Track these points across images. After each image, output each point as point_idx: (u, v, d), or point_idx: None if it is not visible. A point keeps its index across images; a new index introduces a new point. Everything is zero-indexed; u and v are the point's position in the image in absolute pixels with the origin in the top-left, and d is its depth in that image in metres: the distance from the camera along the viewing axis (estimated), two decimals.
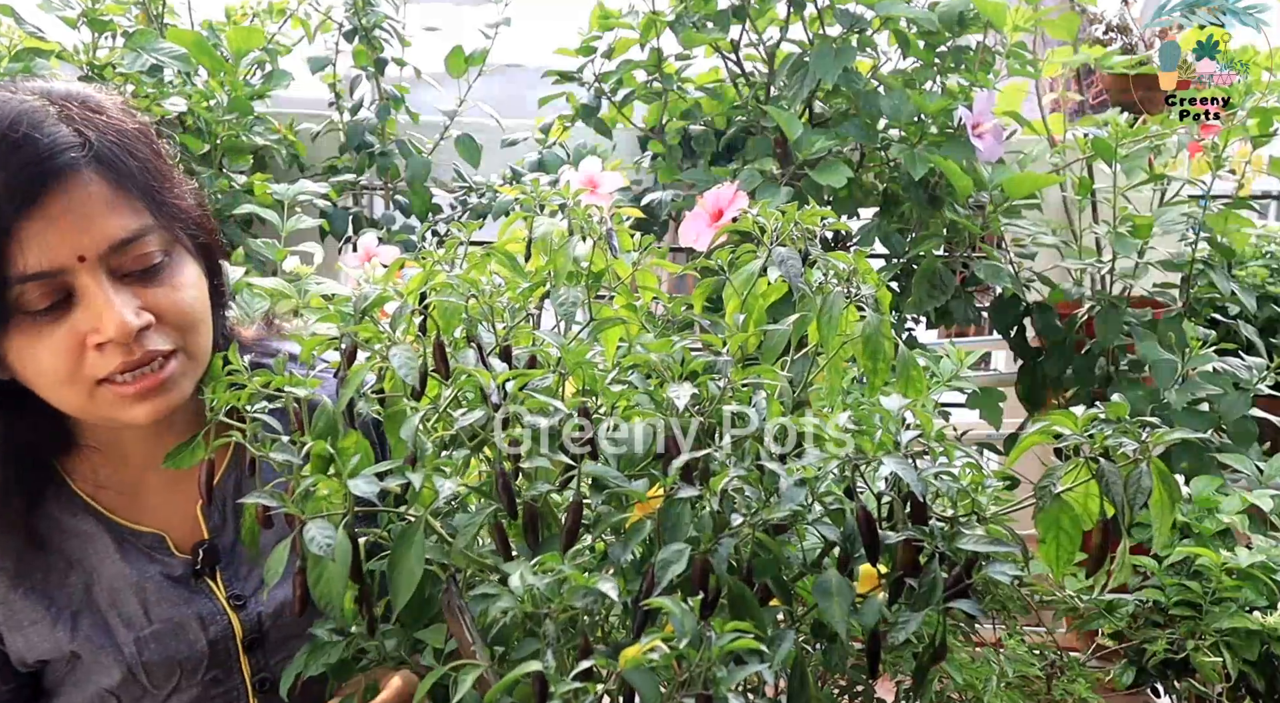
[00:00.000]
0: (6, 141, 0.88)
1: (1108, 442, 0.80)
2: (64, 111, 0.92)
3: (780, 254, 0.94)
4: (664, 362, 0.85)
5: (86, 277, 0.90)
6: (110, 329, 0.90)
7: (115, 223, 0.91)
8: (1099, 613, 1.53)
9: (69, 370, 0.92)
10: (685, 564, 0.77)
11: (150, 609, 1.02)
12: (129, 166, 0.93)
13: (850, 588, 0.81)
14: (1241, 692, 1.50)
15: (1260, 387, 1.73)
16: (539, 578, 0.74)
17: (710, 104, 2.03)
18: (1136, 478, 0.79)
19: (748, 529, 0.80)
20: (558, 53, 2.05)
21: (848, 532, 0.83)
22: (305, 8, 2.24)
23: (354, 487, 0.82)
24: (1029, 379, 1.96)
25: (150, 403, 0.95)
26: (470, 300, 0.93)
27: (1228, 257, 1.90)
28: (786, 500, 0.80)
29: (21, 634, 1.01)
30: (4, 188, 0.87)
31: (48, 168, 0.89)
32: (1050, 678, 1.52)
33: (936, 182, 1.81)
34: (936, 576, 0.81)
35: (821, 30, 1.88)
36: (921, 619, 0.81)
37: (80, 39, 2.05)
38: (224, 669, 1.04)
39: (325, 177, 2.22)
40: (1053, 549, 0.85)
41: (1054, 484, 0.84)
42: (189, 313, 0.96)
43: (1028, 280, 1.94)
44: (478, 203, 2.23)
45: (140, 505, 1.06)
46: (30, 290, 0.89)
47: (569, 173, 1.19)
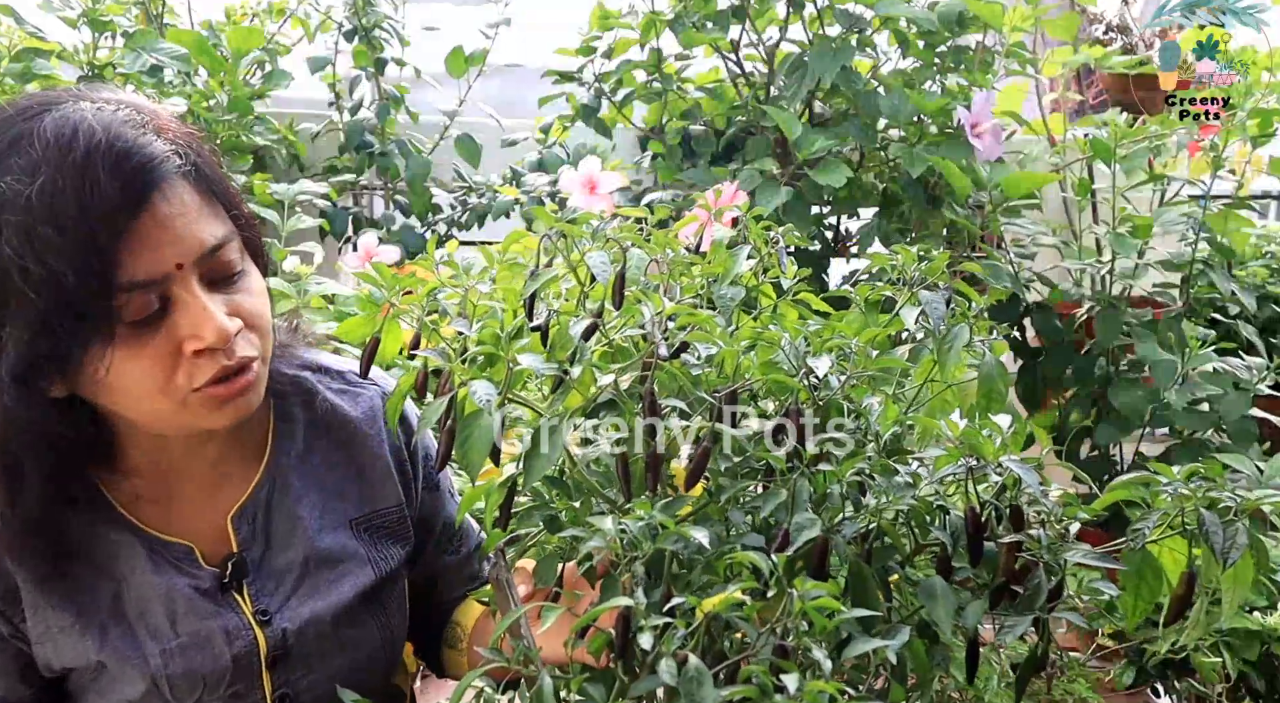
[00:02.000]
0: (115, 149, 0.89)
1: (1210, 495, 0.82)
2: (157, 126, 0.93)
3: (927, 298, 0.97)
4: (798, 347, 0.89)
5: (182, 284, 0.91)
6: (210, 335, 0.91)
7: (207, 230, 0.93)
8: (1099, 613, 1.53)
9: (164, 381, 0.92)
10: (817, 531, 0.80)
11: (177, 622, 1.02)
12: (213, 175, 0.96)
13: (953, 592, 0.83)
14: (1241, 692, 1.50)
15: (1260, 387, 1.73)
16: (631, 522, 0.76)
17: (710, 104, 2.03)
18: (1233, 535, 0.81)
19: (872, 516, 0.83)
20: (558, 53, 2.05)
21: (951, 534, 0.86)
22: (305, 8, 2.24)
23: (523, 359, 0.85)
24: (1029, 379, 1.96)
25: (235, 406, 0.96)
26: (651, 264, 0.95)
27: (1228, 257, 1.90)
28: (904, 494, 0.83)
29: (51, 642, 1.01)
30: (117, 194, 0.88)
31: (150, 176, 0.90)
32: (1050, 678, 1.52)
33: (936, 181, 1.81)
34: (1042, 582, 0.83)
35: (821, 30, 1.88)
36: (1028, 624, 0.83)
37: (80, 39, 2.06)
38: (246, 685, 1.03)
39: (325, 177, 2.22)
40: (1132, 598, 0.87)
41: (1146, 531, 0.85)
42: (265, 318, 0.98)
43: (1028, 280, 1.94)
44: (478, 203, 2.23)
45: (171, 516, 1.05)
46: (134, 299, 0.90)
47: (569, 173, 1.19)
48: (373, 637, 1.10)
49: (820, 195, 1.80)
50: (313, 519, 1.08)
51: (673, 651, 0.70)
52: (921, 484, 0.86)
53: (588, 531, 0.77)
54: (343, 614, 1.07)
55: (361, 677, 1.09)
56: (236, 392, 0.95)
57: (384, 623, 1.12)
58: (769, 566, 0.75)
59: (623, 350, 0.90)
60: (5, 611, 1.01)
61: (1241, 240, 1.91)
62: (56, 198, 0.86)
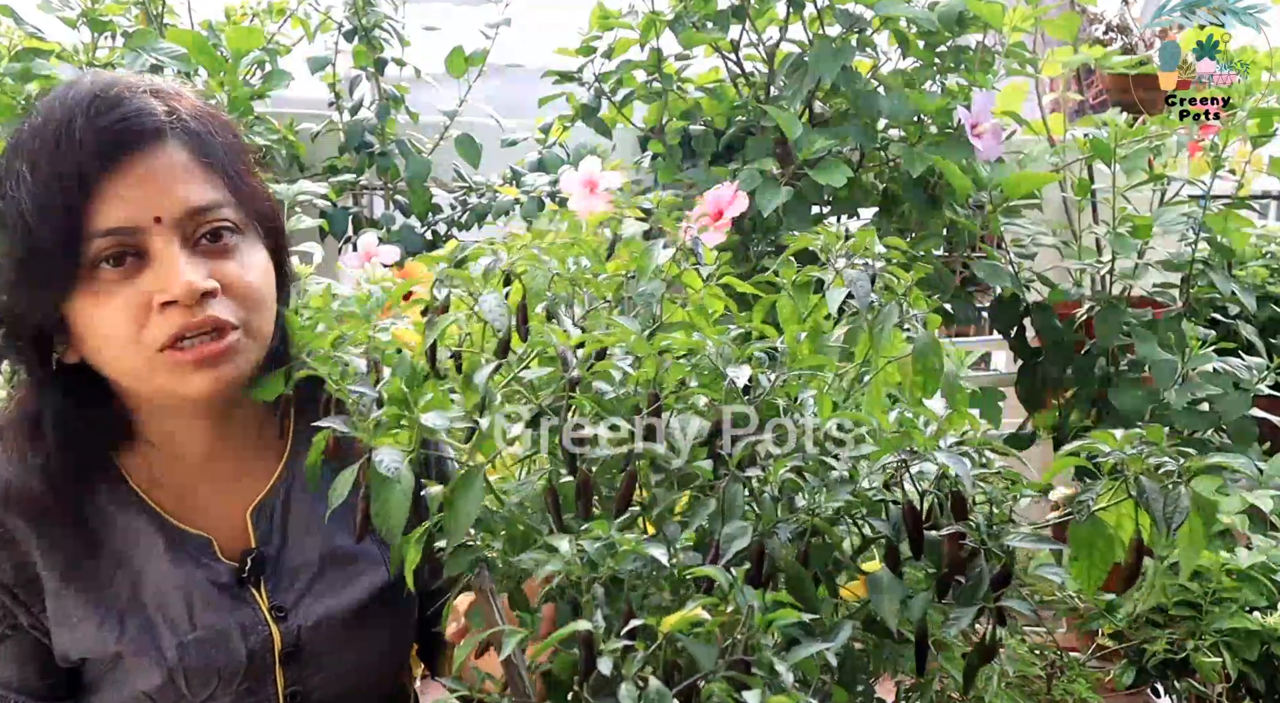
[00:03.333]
0: (100, 101, 0.92)
1: (1149, 461, 0.81)
2: (156, 90, 0.96)
3: (851, 276, 0.96)
4: (721, 353, 0.87)
5: (160, 238, 0.93)
6: (176, 288, 0.92)
7: (195, 190, 0.94)
8: (1099, 613, 1.53)
9: (132, 332, 0.93)
10: (749, 539, 0.79)
11: (195, 614, 1.02)
12: (213, 144, 0.97)
13: (901, 585, 0.82)
14: (1241, 692, 1.50)
15: (1260, 387, 1.73)
16: (589, 542, 0.75)
17: (710, 104, 2.03)
18: (1175, 499, 0.80)
19: (806, 516, 0.82)
20: (558, 53, 2.05)
21: (894, 526, 0.84)
22: (305, 8, 2.24)
23: (425, 419, 0.84)
24: (1029, 379, 1.96)
25: (208, 374, 0.95)
26: (555, 278, 0.94)
27: (1228, 257, 1.90)
28: (839, 490, 0.82)
29: (69, 631, 1.01)
30: (93, 143, 0.91)
31: (135, 127, 0.92)
32: (1050, 678, 1.52)
33: (936, 181, 1.81)
34: (983, 571, 0.82)
35: (821, 30, 1.88)
36: (974, 616, 0.82)
37: (80, 39, 2.05)
38: (258, 681, 1.03)
39: (325, 176, 2.22)
40: (1085, 566, 0.85)
41: (1090, 502, 0.84)
42: (255, 291, 0.98)
43: (1028, 280, 1.94)
44: (478, 203, 2.23)
45: (191, 506, 1.06)
46: (105, 246, 0.91)
47: (569, 173, 1.19)
48: (384, 637, 1.11)
49: (820, 195, 1.80)
50: (330, 518, 1.08)
51: (634, 674, 0.69)
52: (861, 478, 0.85)
53: (545, 554, 0.77)
54: (356, 613, 1.07)
55: (371, 676, 1.10)
56: (205, 357, 0.94)
57: (395, 623, 1.12)
58: (727, 579, 0.73)
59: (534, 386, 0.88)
60: (25, 600, 1.02)
61: (1241, 240, 1.91)
62: (39, 142, 0.91)
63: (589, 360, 0.85)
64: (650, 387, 0.85)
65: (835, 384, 0.99)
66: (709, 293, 1.01)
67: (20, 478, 0.99)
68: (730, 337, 0.89)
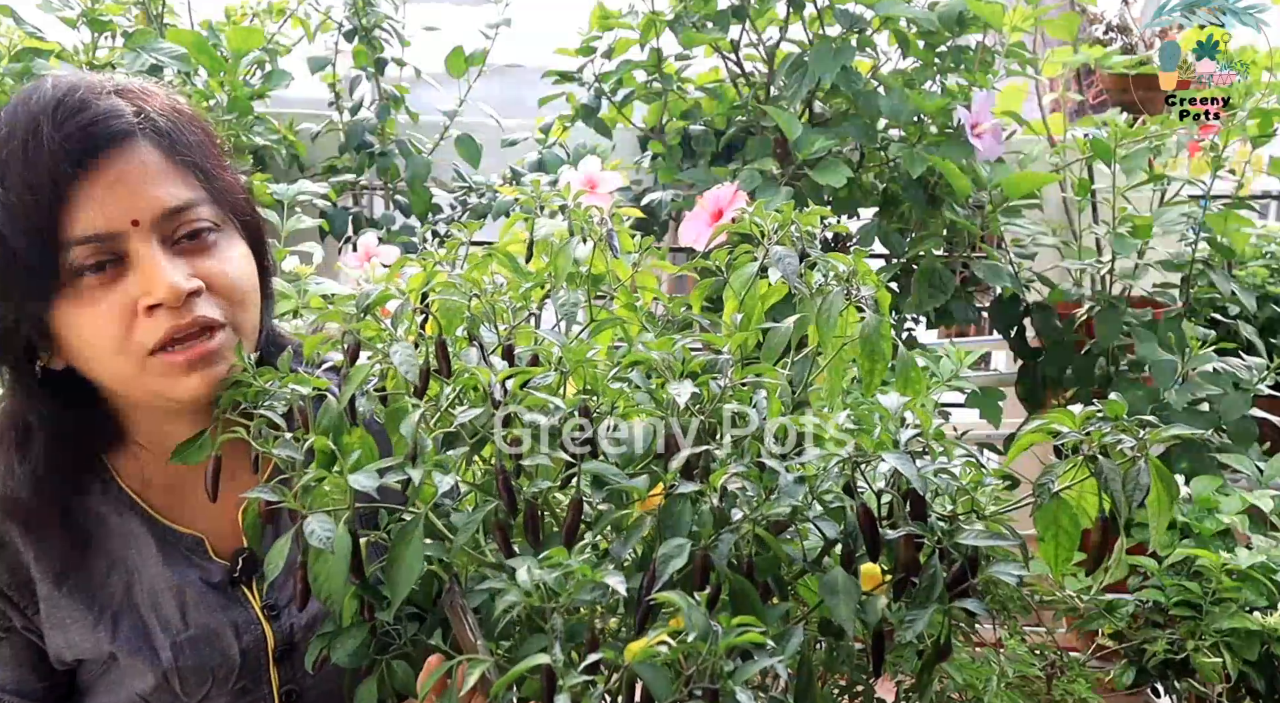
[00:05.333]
0: (64, 106, 0.91)
1: (1105, 439, 0.80)
2: (121, 89, 0.95)
3: (778, 254, 0.94)
4: (665, 361, 0.85)
5: (139, 241, 0.92)
6: (161, 291, 0.91)
7: (169, 191, 0.94)
8: (1099, 613, 1.53)
9: (120, 338, 0.92)
10: (686, 559, 0.76)
11: (188, 614, 1.02)
12: (184, 141, 0.96)
13: (856, 586, 0.81)
14: (1241, 692, 1.50)
15: (1260, 387, 1.73)
16: (546, 572, 0.74)
17: (710, 104, 2.03)
18: (1135, 475, 0.79)
19: (748, 526, 0.79)
20: (558, 53, 2.05)
21: (849, 529, 0.83)
22: (305, 8, 2.23)
23: (354, 481, 0.82)
24: (1029, 379, 1.96)
25: (199, 375, 0.95)
26: (472, 300, 0.93)
27: (1228, 257, 1.90)
28: (785, 497, 0.79)
29: (63, 633, 1.01)
30: (60, 150, 0.89)
31: (103, 131, 0.91)
32: (1050, 678, 1.52)
33: (936, 181, 1.81)
34: (937, 572, 0.81)
35: (821, 30, 1.88)
36: (928, 618, 0.80)
37: (80, 39, 2.05)
38: (252, 680, 1.03)
39: (325, 176, 2.22)
40: (1052, 547, 0.84)
41: (1052, 482, 0.83)
42: (238, 285, 0.98)
43: (1028, 280, 1.94)
44: (478, 203, 2.22)
45: (182, 506, 1.06)
46: (83, 253, 0.90)
47: (569, 173, 1.19)
48: None
49: (820, 195, 1.80)
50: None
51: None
52: (817, 480, 0.82)
53: (506, 583, 0.76)
54: None
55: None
56: (196, 357, 0.94)
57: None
58: (688, 604, 0.71)
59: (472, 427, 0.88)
60: (19, 602, 1.02)
61: (1241, 240, 1.91)
62: (7, 151, 0.90)
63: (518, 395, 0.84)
64: (581, 399, 0.84)
65: (794, 362, 0.97)
66: (640, 277, 0.99)
67: (11, 485, 0.99)
68: (675, 346, 0.87)
